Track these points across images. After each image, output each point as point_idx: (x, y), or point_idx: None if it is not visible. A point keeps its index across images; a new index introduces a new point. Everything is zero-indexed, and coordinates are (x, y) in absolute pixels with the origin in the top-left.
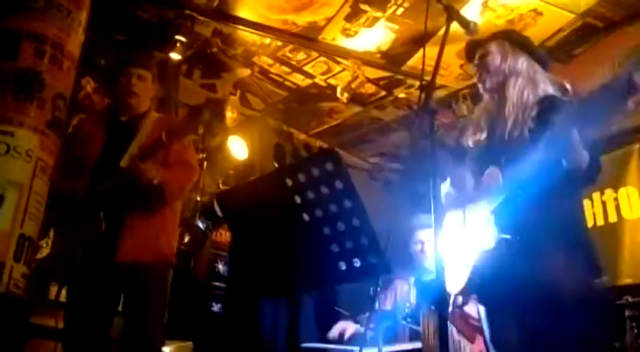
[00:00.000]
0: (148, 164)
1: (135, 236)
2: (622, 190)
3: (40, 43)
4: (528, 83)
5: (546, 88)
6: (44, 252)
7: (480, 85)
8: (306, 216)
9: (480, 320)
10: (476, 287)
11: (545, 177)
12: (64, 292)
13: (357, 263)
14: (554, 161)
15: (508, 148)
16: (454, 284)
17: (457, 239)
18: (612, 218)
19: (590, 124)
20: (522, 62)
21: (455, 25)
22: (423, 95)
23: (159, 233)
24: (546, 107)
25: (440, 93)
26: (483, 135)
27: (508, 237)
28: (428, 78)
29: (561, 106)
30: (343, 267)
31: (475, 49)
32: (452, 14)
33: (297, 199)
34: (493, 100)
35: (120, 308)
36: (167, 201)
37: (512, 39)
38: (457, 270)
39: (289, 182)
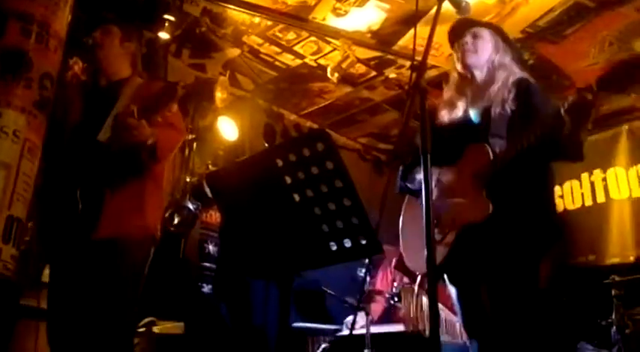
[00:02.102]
0: (142, 122)
1: (115, 212)
2: (610, 171)
3: (26, 22)
4: (509, 75)
5: (523, 73)
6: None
7: (460, 65)
8: (296, 196)
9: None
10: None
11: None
12: (46, 272)
13: (348, 243)
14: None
15: (492, 124)
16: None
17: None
18: (600, 198)
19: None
20: (509, 60)
21: (446, 5)
22: (414, 75)
23: (140, 206)
24: (523, 87)
25: (430, 73)
26: (459, 113)
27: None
28: (419, 58)
29: (535, 87)
30: (334, 248)
31: (465, 28)
32: None
33: (288, 179)
34: (466, 80)
35: None
36: (159, 159)
37: (504, 36)
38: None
39: (279, 162)
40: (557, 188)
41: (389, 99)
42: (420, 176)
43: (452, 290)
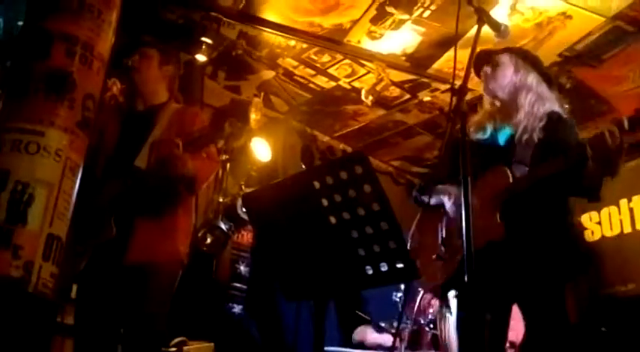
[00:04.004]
0: (186, 156)
1: (146, 238)
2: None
3: (71, 43)
4: (538, 98)
5: (552, 105)
6: None
7: (485, 93)
8: (333, 219)
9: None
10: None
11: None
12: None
13: (385, 267)
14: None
15: (517, 150)
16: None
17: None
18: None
19: None
20: (532, 79)
21: (483, 28)
22: (454, 98)
23: (171, 234)
24: (554, 120)
25: (467, 97)
26: (486, 136)
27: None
28: (456, 81)
29: (565, 122)
30: (370, 271)
31: (486, 59)
32: (483, 16)
33: (325, 202)
34: (494, 107)
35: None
36: (195, 191)
37: (525, 55)
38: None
39: (317, 184)
40: (594, 214)
41: (422, 122)
42: (442, 194)
43: (453, 318)
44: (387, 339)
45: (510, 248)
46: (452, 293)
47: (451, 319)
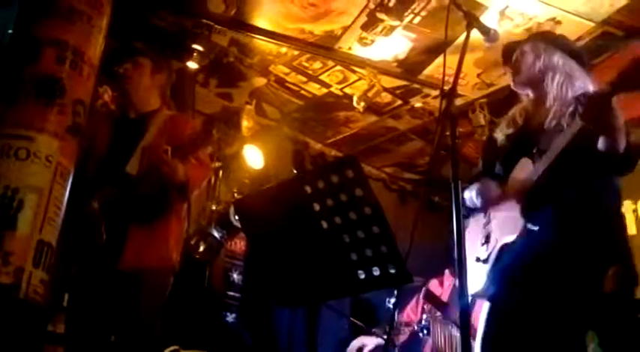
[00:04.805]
0: (176, 161)
1: (138, 245)
2: None
3: (61, 49)
4: (566, 78)
5: (585, 84)
6: None
7: (514, 85)
8: (324, 224)
9: None
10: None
11: (576, 167)
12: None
13: (377, 271)
14: (587, 150)
15: (543, 138)
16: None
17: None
18: None
19: None
20: (557, 59)
21: (473, 34)
22: (444, 102)
23: (162, 240)
24: (583, 104)
25: (457, 102)
26: (515, 129)
27: (535, 228)
28: (446, 87)
29: (599, 99)
30: (362, 276)
31: (511, 52)
32: (472, 21)
33: (316, 206)
34: (529, 98)
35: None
36: (186, 197)
37: (546, 37)
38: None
39: (308, 189)
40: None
41: (415, 128)
42: (471, 196)
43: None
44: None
45: (529, 243)
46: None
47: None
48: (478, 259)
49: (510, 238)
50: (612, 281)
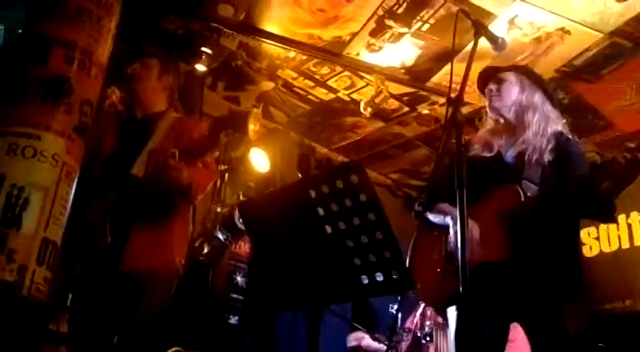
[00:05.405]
0: (182, 165)
1: (142, 247)
2: None
3: (69, 49)
4: (544, 118)
5: (557, 125)
6: None
7: (490, 111)
8: (328, 228)
9: None
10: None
11: (559, 199)
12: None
13: (380, 277)
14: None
15: (527, 168)
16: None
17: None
18: (638, 241)
19: None
20: (538, 98)
21: (481, 43)
22: (450, 108)
23: (167, 243)
24: (563, 141)
25: (463, 110)
26: (492, 153)
27: None
28: (454, 95)
29: (573, 143)
30: (365, 281)
31: (492, 76)
32: (480, 29)
33: (320, 211)
34: (499, 124)
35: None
36: (191, 201)
37: (529, 74)
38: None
39: (312, 193)
40: (592, 230)
41: (421, 135)
42: (444, 214)
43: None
44: (382, 348)
45: (514, 266)
46: (452, 309)
47: (450, 333)
48: (445, 270)
49: (488, 257)
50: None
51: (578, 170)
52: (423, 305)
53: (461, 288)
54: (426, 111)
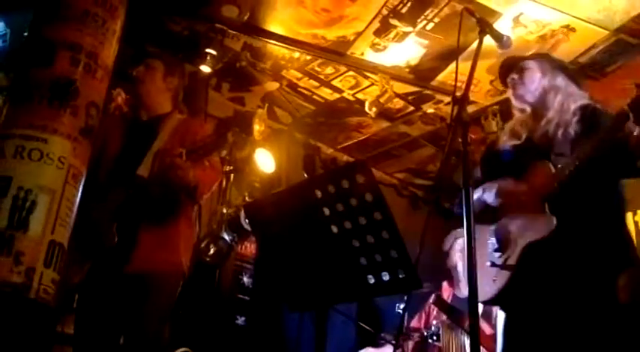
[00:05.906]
0: (188, 164)
1: (148, 247)
2: None
3: (75, 51)
4: (567, 97)
5: (582, 100)
6: None
7: (513, 99)
8: (334, 228)
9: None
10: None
11: (601, 170)
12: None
13: (386, 276)
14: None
15: (556, 143)
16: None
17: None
18: None
19: None
20: (561, 80)
21: (486, 41)
22: (456, 107)
23: (173, 244)
24: (589, 112)
25: (469, 109)
26: (521, 141)
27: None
28: (459, 93)
29: (601, 113)
30: (372, 281)
31: (512, 66)
32: (485, 28)
33: (326, 211)
34: (526, 113)
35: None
36: (197, 201)
37: (550, 59)
38: (486, 277)
39: (318, 193)
40: None
41: (426, 134)
42: (482, 196)
43: (500, 319)
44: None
45: (560, 240)
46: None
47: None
48: (493, 264)
49: (535, 236)
50: (625, 291)
51: (606, 133)
52: (429, 304)
53: (462, 288)
54: (431, 111)
